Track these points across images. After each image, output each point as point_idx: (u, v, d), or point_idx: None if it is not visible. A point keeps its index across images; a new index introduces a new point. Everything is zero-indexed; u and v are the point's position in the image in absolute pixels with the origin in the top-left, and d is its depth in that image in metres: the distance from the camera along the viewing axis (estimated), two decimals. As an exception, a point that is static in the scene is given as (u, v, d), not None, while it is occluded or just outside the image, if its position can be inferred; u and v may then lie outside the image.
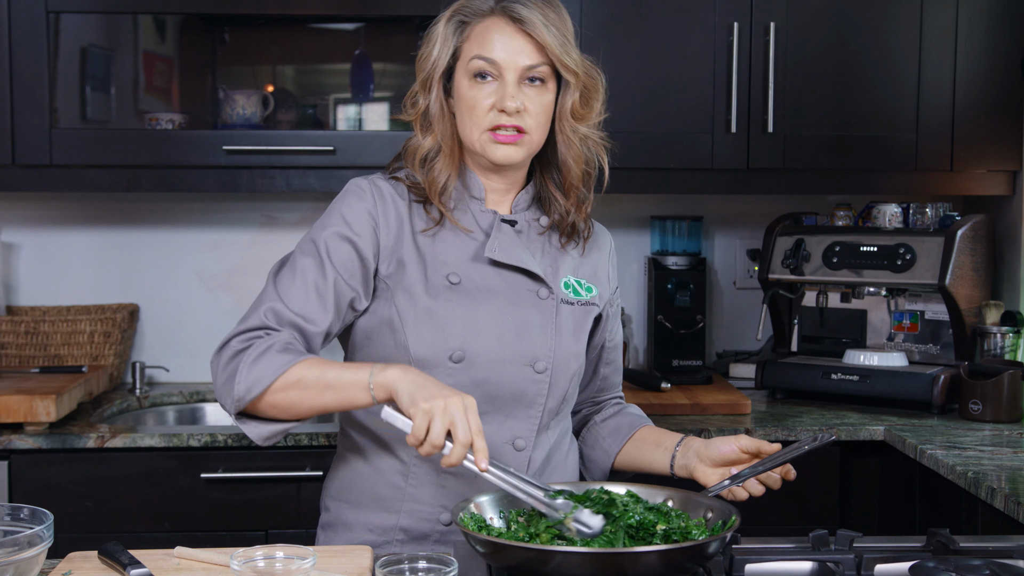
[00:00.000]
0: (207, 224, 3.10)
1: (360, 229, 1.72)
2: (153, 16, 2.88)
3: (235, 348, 1.65)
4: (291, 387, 1.60)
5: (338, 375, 1.59)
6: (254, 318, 1.67)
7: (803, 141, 2.79)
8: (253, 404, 1.63)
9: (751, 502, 1.70)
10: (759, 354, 3.10)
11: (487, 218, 1.78)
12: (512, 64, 1.69)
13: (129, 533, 2.46)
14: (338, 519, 1.79)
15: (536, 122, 1.71)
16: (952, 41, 2.79)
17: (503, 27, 1.69)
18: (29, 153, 2.68)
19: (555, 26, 1.70)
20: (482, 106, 1.69)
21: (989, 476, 2.11)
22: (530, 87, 1.71)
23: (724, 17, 2.75)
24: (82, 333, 2.87)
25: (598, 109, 1.80)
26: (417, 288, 1.71)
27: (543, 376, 1.74)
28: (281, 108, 2.95)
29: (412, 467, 1.74)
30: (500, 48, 1.69)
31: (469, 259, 1.75)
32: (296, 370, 1.60)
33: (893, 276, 2.75)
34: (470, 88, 1.70)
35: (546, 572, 1.33)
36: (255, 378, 1.60)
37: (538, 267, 1.76)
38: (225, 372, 1.64)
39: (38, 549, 1.35)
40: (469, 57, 1.70)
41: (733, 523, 1.43)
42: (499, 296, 1.74)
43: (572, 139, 1.77)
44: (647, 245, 3.17)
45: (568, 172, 1.78)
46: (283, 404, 1.62)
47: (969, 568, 1.39)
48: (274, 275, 1.73)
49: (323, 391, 1.60)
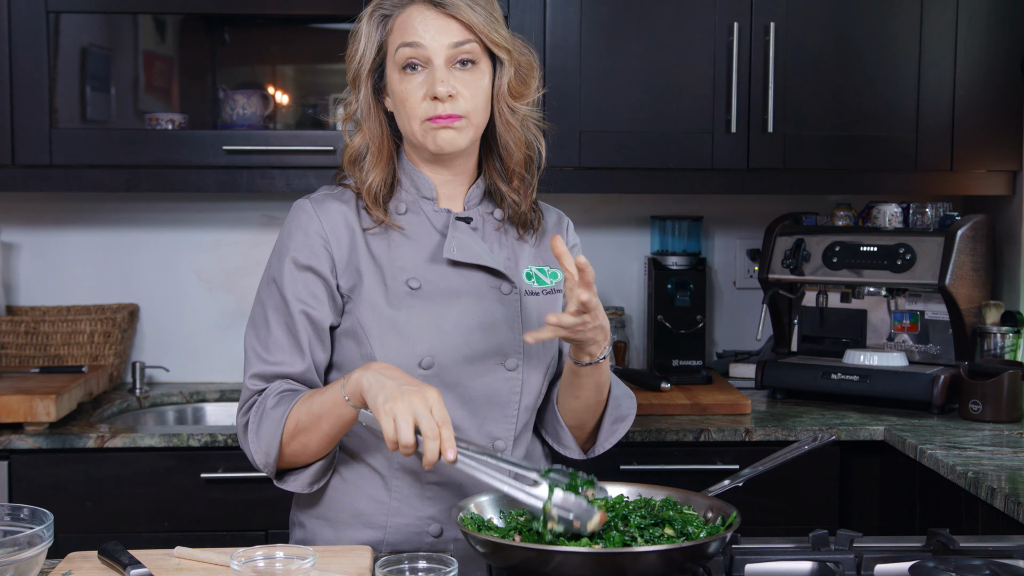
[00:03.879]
0: (207, 224, 3.10)
1: (312, 252, 1.69)
2: (153, 16, 2.88)
3: (242, 424, 1.68)
4: (295, 435, 1.62)
5: (320, 402, 1.60)
6: (245, 391, 1.70)
7: (803, 141, 2.79)
8: (280, 463, 1.66)
9: (751, 502, 1.69)
10: (759, 354, 3.10)
11: (441, 217, 1.75)
12: (438, 46, 1.65)
13: (129, 533, 2.46)
14: (316, 537, 1.75)
15: (473, 104, 1.67)
16: (952, 41, 2.79)
17: (424, 12, 1.66)
18: (29, 153, 2.68)
19: (479, 4, 1.67)
20: (415, 97, 1.66)
21: (989, 476, 2.11)
22: (461, 71, 1.67)
23: (724, 17, 2.75)
24: (82, 333, 2.87)
25: (535, 87, 1.75)
26: (377, 298, 1.69)
27: (515, 374, 1.72)
28: (281, 108, 2.95)
29: (393, 480, 1.71)
30: (423, 32, 1.65)
31: (427, 261, 1.72)
32: (292, 417, 1.62)
33: (893, 276, 2.75)
34: (401, 81, 1.67)
35: (546, 572, 1.33)
36: (267, 443, 1.64)
37: (498, 262, 1.73)
38: (247, 449, 1.67)
39: (38, 549, 1.35)
40: (395, 48, 1.68)
41: (733, 523, 1.43)
42: (462, 296, 1.71)
43: (511, 121, 1.73)
44: (647, 245, 3.17)
45: (510, 156, 1.74)
46: (299, 451, 1.64)
47: (969, 568, 1.39)
48: (248, 337, 1.72)
49: (319, 423, 1.60)
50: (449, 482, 1.70)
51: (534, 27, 2.71)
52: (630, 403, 1.82)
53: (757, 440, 2.53)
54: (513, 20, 2.68)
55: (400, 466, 1.71)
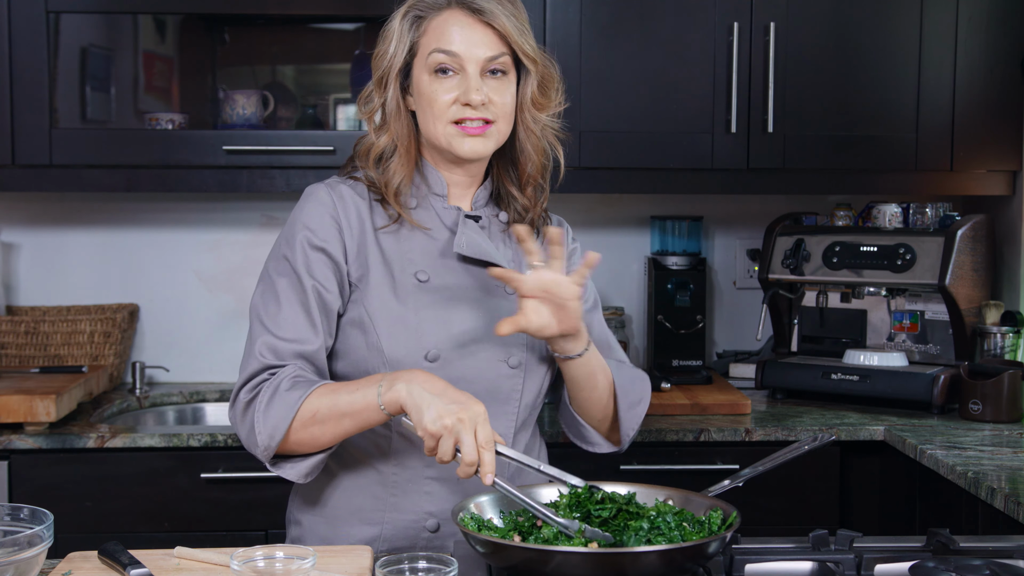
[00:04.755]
0: (207, 224, 3.10)
1: (326, 235, 1.69)
2: (153, 16, 2.88)
3: (245, 400, 1.64)
4: (309, 423, 1.59)
5: (349, 401, 1.58)
6: (252, 362, 1.65)
7: (803, 141, 2.79)
8: (280, 447, 1.63)
9: (751, 502, 1.69)
10: (759, 354, 3.10)
11: (451, 214, 1.76)
12: (473, 56, 1.66)
13: (129, 533, 2.46)
14: (312, 534, 1.76)
15: (502, 112, 1.69)
16: (952, 41, 2.79)
17: (462, 19, 1.67)
18: (29, 153, 2.68)
19: (513, 15, 1.69)
20: (443, 100, 1.67)
21: (989, 476, 2.11)
22: (492, 79, 1.68)
23: (724, 17, 2.75)
24: (82, 333, 2.87)
25: (556, 99, 1.77)
26: (385, 290, 1.69)
27: (517, 371, 1.73)
28: (281, 108, 2.95)
29: (392, 476, 1.71)
30: (460, 40, 1.66)
31: (437, 256, 1.73)
32: (309, 405, 1.59)
33: (893, 276, 2.75)
34: (431, 83, 1.68)
35: (546, 572, 1.33)
36: (274, 424, 1.60)
37: (505, 260, 1.74)
38: (244, 426, 1.63)
39: (38, 549, 1.35)
40: (428, 52, 1.68)
41: (733, 523, 1.43)
42: (469, 292, 1.72)
43: (533, 129, 1.75)
44: (647, 245, 3.17)
45: (528, 163, 1.76)
46: (307, 440, 1.62)
47: (969, 568, 1.39)
48: (256, 308, 1.69)
49: (340, 420, 1.59)
50: (446, 478, 1.71)
51: (534, 27, 2.68)
52: (643, 385, 1.82)
53: (757, 440, 2.53)
54: (513, 20, 2.68)
55: (397, 463, 1.71)
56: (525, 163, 1.76)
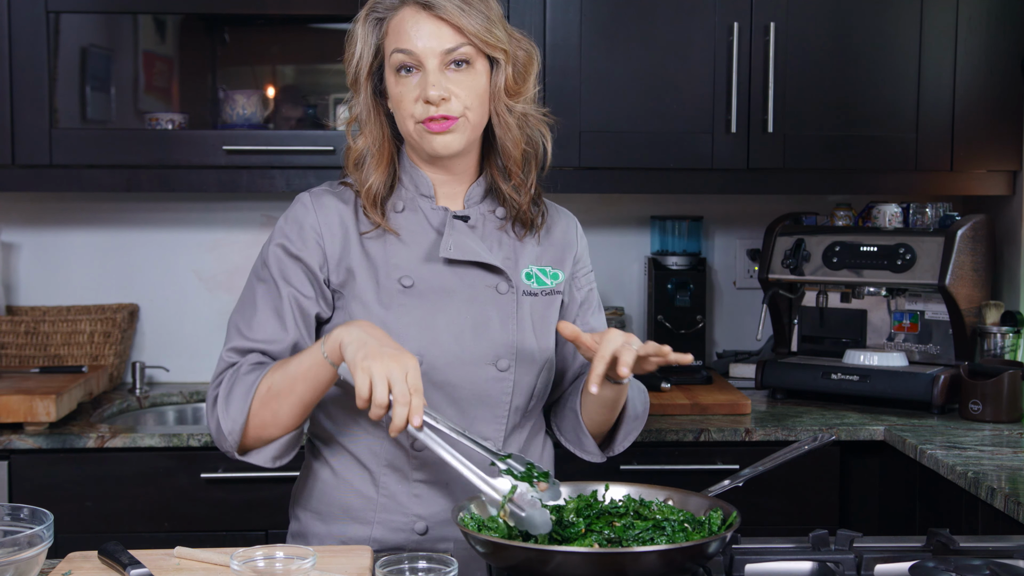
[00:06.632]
0: (207, 224, 3.10)
1: (303, 243, 1.70)
2: (153, 16, 2.88)
3: (212, 396, 1.67)
4: (267, 400, 1.61)
5: (297, 363, 1.60)
6: (220, 364, 1.69)
7: (803, 141, 2.79)
8: (246, 435, 1.64)
9: (751, 502, 1.69)
10: (759, 354, 3.10)
11: (439, 215, 1.74)
12: (429, 51, 1.64)
13: (129, 533, 2.46)
14: (308, 530, 1.77)
15: (467, 104, 1.66)
16: (952, 41, 2.79)
17: (415, 15, 1.65)
18: (29, 153, 2.68)
19: (471, 5, 1.65)
20: (408, 99, 1.66)
21: (989, 476, 2.11)
22: (455, 72, 1.66)
23: (724, 17, 2.75)
24: (82, 333, 2.87)
25: (532, 82, 1.73)
26: (369, 296, 1.69)
27: (506, 374, 1.72)
28: (281, 108, 2.95)
29: (381, 477, 1.71)
30: (415, 37, 1.64)
31: (422, 260, 1.72)
32: (264, 382, 1.61)
33: (893, 276, 2.75)
34: (396, 84, 1.67)
35: (546, 572, 1.33)
36: (235, 408, 1.62)
37: (496, 259, 1.72)
38: (213, 420, 1.65)
39: (38, 549, 1.35)
40: (390, 52, 1.67)
41: (733, 523, 1.43)
42: (456, 295, 1.71)
43: (508, 120, 1.71)
44: (647, 245, 3.17)
45: (507, 156, 1.73)
46: (269, 419, 1.62)
47: (969, 568, 1.39)
48: (233, 314, 1.73)
49: (293, 385, 1.60)
50: (436, 481, 1.71)
51: (534, 27, 2.71)
52: (644, 398, 1.83)
53: (757, 440, 2.53)
54: (513, 20, 2.68)
55: (388, 463, 1.71)
56: (506, 156, 1.73)
